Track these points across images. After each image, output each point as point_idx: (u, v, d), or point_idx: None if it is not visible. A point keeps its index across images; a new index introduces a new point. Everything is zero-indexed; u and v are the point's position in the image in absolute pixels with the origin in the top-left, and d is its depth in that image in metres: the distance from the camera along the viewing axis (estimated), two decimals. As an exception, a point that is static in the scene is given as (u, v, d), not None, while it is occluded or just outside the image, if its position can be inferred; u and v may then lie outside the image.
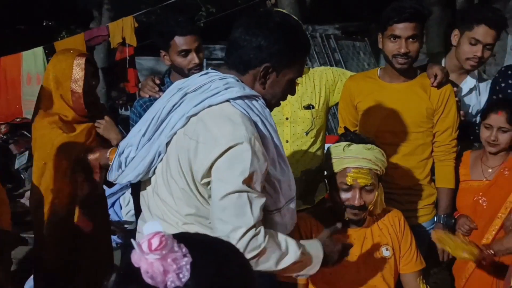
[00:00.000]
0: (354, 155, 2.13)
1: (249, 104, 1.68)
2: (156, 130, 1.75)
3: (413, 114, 2.58)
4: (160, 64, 9.84)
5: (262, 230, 1.61)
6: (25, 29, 13.25)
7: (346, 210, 2.14)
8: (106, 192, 3.16)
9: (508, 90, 2.73)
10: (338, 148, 2.18)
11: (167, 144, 1.72)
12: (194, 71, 2.56)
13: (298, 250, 1.69)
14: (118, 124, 2.94)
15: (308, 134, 2.68)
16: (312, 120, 2.67)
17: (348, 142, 2.17)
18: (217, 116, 1.64)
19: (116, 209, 4.68)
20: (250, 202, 1.59)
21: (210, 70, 1.79)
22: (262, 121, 1.69)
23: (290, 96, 1.85)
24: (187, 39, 2.59)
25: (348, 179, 2.10)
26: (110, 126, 2.78)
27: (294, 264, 1.69)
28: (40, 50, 6.62)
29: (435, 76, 2.55)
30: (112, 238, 3.17)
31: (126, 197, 4.66)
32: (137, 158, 1.78)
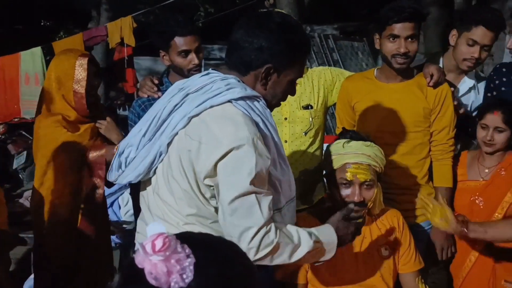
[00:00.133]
0: (354, 151, 2.14)
1: (250, 104, 1.68)
2: (157, 130, 1.75)
3: (410, 113, 2.58)
4: (158, 64, 9.85)
5: (273, 227, 1.62)
6: (23, 29, 13.22)
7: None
8: (105, 192, 3.15)
9: (502, 87, 2.73)
10: (337, 145, 2.19)
11: (168, 144, 1.72)
12: (193, 72, 2.57)
13: (310, 240, 1.70)
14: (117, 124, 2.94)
15: (306, 134, 2.69)
16: (310, 120, 2.68)
17: (347, 139, 2.18)
18: (219, 116, 1.64)
19: (114, 209, 4.66)
20: (258, 202, 1.60)
21: (211, 70, 1.79)
22: (263, 121, 1.69)
23: (289, 96, 1.86)
24: (187, 40, 2.59)
25: (347, 175, 2.11)
26: (112, 127, 2.79)
27: (308, 253, 1.70)
28: (38, 50, 6.60)
29: (431, 75, 2.56)
30: (111, 238, 3.16)
31: (125, 197, 4.64)
32: (137, 159, 1.78)
